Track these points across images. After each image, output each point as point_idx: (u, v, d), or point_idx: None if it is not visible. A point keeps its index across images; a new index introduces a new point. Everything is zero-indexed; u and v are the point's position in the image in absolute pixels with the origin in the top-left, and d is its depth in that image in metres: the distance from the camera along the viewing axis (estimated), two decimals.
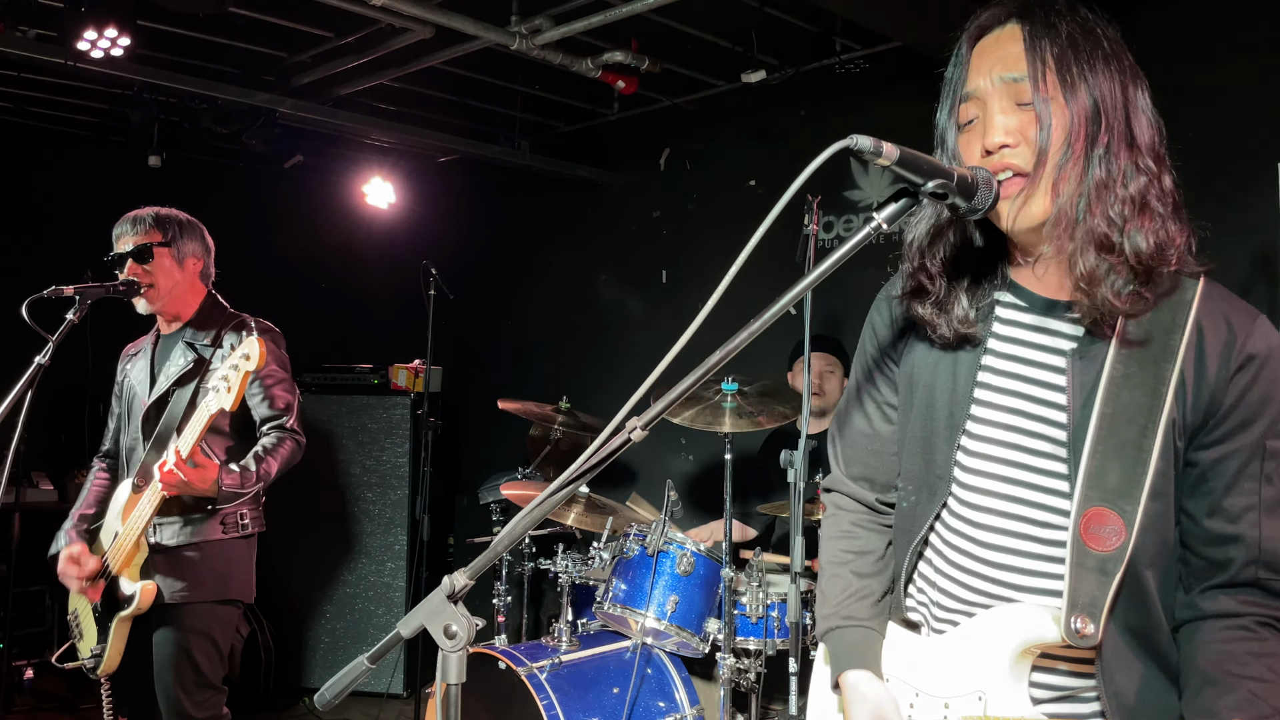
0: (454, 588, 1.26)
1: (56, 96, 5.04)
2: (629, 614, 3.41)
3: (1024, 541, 1.39)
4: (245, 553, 3.10)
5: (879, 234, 1.20)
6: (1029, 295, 1.43)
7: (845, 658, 1.54)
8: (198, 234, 3.18)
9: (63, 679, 4.82)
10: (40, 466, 5.26)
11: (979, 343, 1.44)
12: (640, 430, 1.21)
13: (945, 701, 1.43)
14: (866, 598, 1.59)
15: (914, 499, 1.52)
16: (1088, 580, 1.30)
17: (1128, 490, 1.30)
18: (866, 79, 4.52)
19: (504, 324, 6.25)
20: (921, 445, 1.50)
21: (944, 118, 1.41)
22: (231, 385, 2.58)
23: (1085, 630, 1.29)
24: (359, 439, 5.31)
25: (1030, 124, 1.30)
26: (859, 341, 1.65)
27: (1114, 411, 1.31)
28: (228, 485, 2.85)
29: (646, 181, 5.59)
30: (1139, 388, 1.31)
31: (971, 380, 1.44)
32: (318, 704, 1.37)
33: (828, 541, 1.67)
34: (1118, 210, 1.28)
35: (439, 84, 4.96)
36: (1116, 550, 1.29)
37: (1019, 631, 1.35)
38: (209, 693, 2.99)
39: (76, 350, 3.09)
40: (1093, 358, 1.35)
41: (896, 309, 1.56)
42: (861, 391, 1.64)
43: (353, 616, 5.19)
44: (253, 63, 4.65)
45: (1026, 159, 1.30)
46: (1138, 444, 1.30)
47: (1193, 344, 1.30)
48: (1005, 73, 1.31)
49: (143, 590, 2.85)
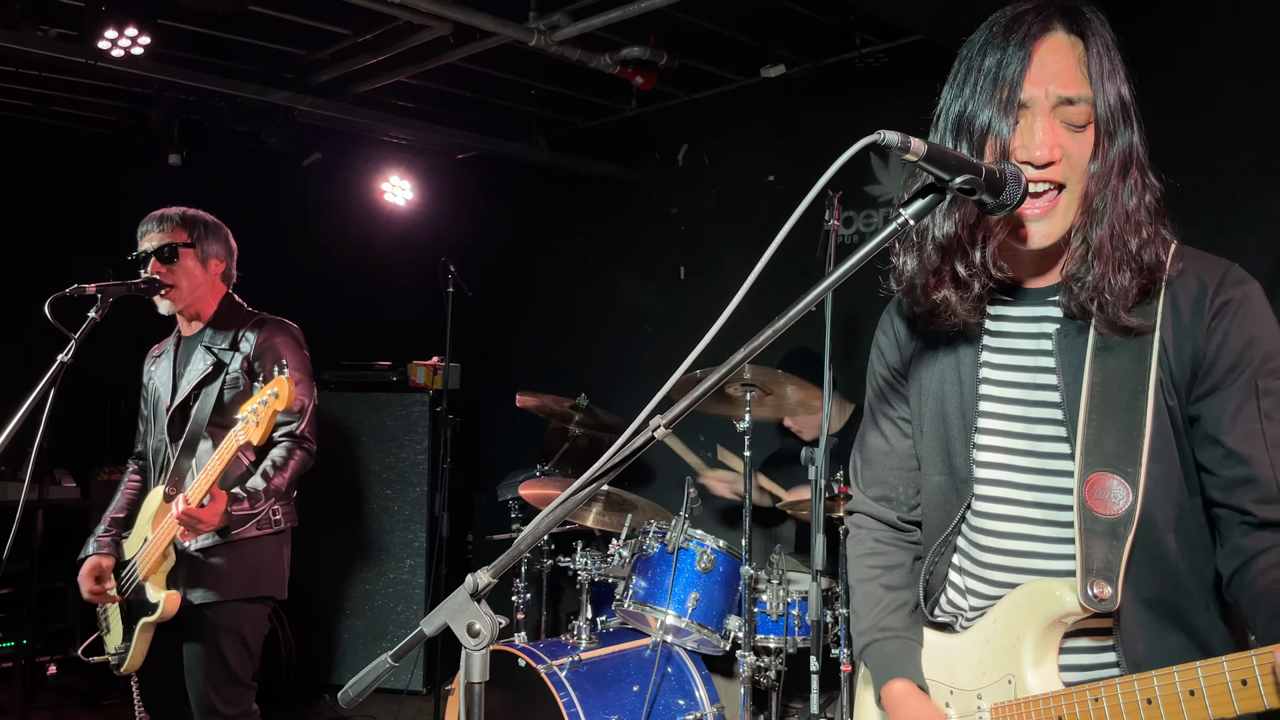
0: (477, 586, 1.26)
1: (77, 96, 5.08)
2: (649, 611, 3.40)
3: (1040, 526, 1.41)
4: (276, 548, 3.11)
5: (906, 230, 1.18)
6: (1014, 288, 1.46)
7: (886, 669, 1.54)
8: (222, 236, 3.19)
9: (86, 675, 4.85)
10: (63, 464, 5.29)
11: (975, 340, 1.48)
12: (664, 428, 1.20)
13: (978, 693, 1.43)
14: (900, 609, 1.59)
15: (941, 509, 1.53)
16: (1098, 545, 1.31)
17: (1127, 453, 1.32)
18: (887, 73, 4.49)
19: (522, 321, 6.25)
20: (941, 453, 1.52)
21: (979, 102, 1.35)
22: (260, 420, 2.65)
23: (1103, 594, 1.29)
24: (378, 436, 5.32)
25: (1074, 145, 1.33)
26: (868, 365, 1.68)
27: (1103, 380, 1.35)
28: (237, 513, 2.86)
29: (664, 178, 5.57)
30: (1124, 354, 1.35)
31: (975, 378, 1.48)
32: (341, 702, 1.37)
33: (854, 560, 1.69)
34: (1144, 235, 1.33)
35: (457, 81, 4.96)
36: (1124, 513, 1.31)
37: (1038, 607, 1.36)
38: (239, 689, 3.01)
39: (98, 348, 3.10)
40: (1078, 332, 1.39)
41: (898, 322, 1.60)
42: (875, 411, 1.67)
43: (372, 613, 5.20)
44: (272, 61, 4.67)
45: (1067, 176, 1.33)
46: (1130, 406, 1.33)
47: (1168, 305, 1.35)
48: (1063, 92, 1.32)
49: (167, 599, 2.88)
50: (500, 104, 5.39)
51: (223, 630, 2.97)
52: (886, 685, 1.52)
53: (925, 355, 1.55)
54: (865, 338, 4.32)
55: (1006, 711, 1.37)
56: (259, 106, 4.77)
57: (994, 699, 1.40)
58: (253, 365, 3.05)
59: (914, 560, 1.64)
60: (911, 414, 1.59)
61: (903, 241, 1.46)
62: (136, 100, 5.01)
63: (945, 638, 1.53)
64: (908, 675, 1.51)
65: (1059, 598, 1.33)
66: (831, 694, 3.42)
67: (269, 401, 2.65)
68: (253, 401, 2.70)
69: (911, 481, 1.62)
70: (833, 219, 3.18)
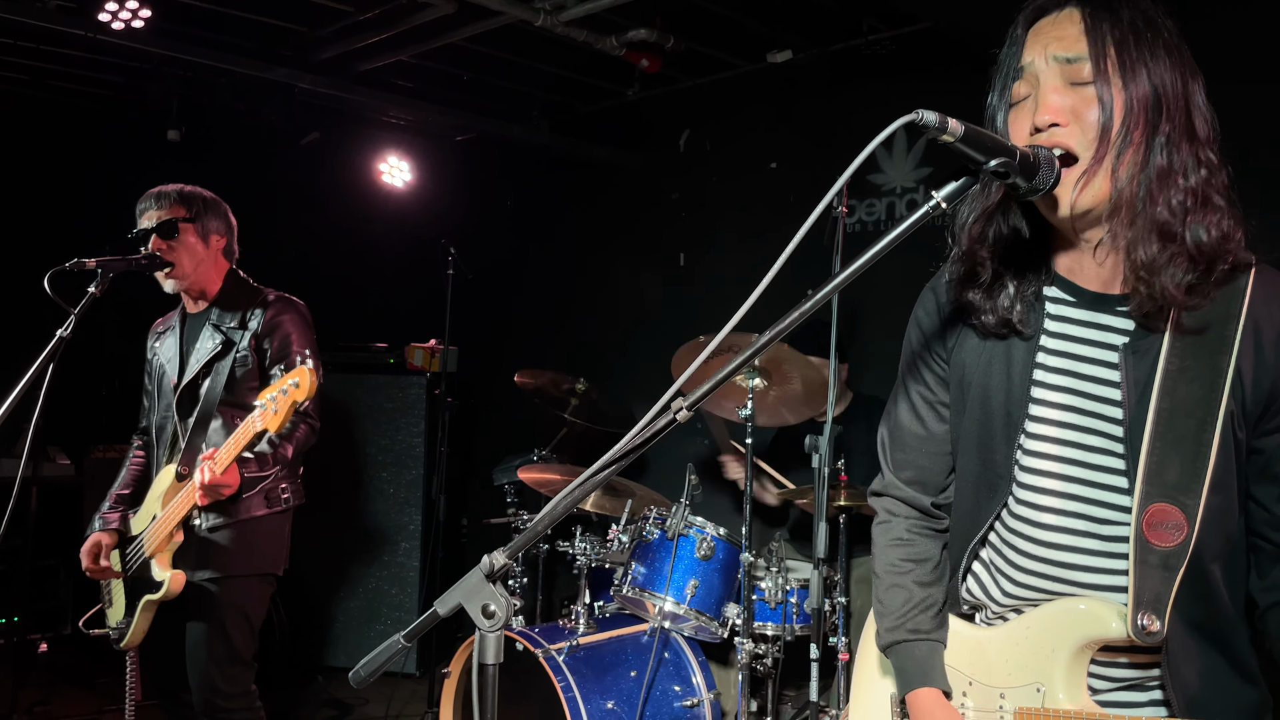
0: (492, 567, 1.24)
1: (74, 70, 5.02)
2: (647, 597, 3.39)
3: (1083, 539, 1.37)
4: (281, 525, 3.11)
5: (938, 213, 1.17)
6: (1077, 290, 1.41)
7: (915, 675, 1.51)
8: (221, 211, 3.17)
9: (78, 652, 4.83)
10: (57, 441, 5.26)
11: (1031, 338, 1.42)
12: (686, 411, 1.19)
13: (1001, 692, 1.41)
14: (930, 608, 1.55)
15: (973, 499, 1.50)
16: (1152, 577, 1.28)
17: (1188, 485, 1.28)
18: (893, 61, 4.46)
19: (520, 305, 6.22)
20: (978, 445, 1.48)
21: (995, 98, 1.39)
22: (279, 409, 2.64)
23: (1152, 627, 1.27)
24: (375, 418, 5.29)
25: (1083, 105, 1.28)
26: (904, 342, 1.62)
27: (1171, 406, 1.30)
28: (247, 474, 2.91)
29: (666, 163, 5.54)
30: (1195, 381, 1.29)
31: (1028, 378, 1.42)
32: (352, 681, 1.36)
33: (884, 550, 1.63)
34: (1179, 200, 1.26)
35: (459, 62, 4.92)
36: (1179, 545, 1.28)
37: (1083, 627, 1.34)
38: (240, 668, 3.00)
39: (95, 325, 3.06)
40: (1146, 351, 1.33)
41: (944, 298, 1.53)
42: (911, 391, 1.60)
43: (366, 595, 5.19)
44: (272, 37, 4.62)
45: (1077, 140, 1.28)
46: (1196, 438, 1.28)
47: (1249, 333, 1.29)
48: (1061, 52, 1.29)
49: (172, 579, 2.86)
50: (502, 85, 5.35)
51: (228, 607, 2.96)
52: (914, 692, 1.49)
53: (972, 339, 1.49)
54: (867, 325, 4.32)
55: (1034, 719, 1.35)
56: (259, 83, 4.72)
57: (1019, 703, 1.38)
58: (260, 343, 3.03)
59: (942, 549, 1.61)
60: (951, 398, 1.54)
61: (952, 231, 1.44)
62: (135, 75, 4.95)
63: (970, 628, 1.52)
64: (935, 683, 1.48)
65: (1106, 623, 1.31)
66: (827, 682, 3.42)
67: (289, 391, 2.63)
68: (272, 390, 2.68)
69: (944, 467, 1.58)
70: (841, 205, 3.16)
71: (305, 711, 4.71)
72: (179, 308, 3.21)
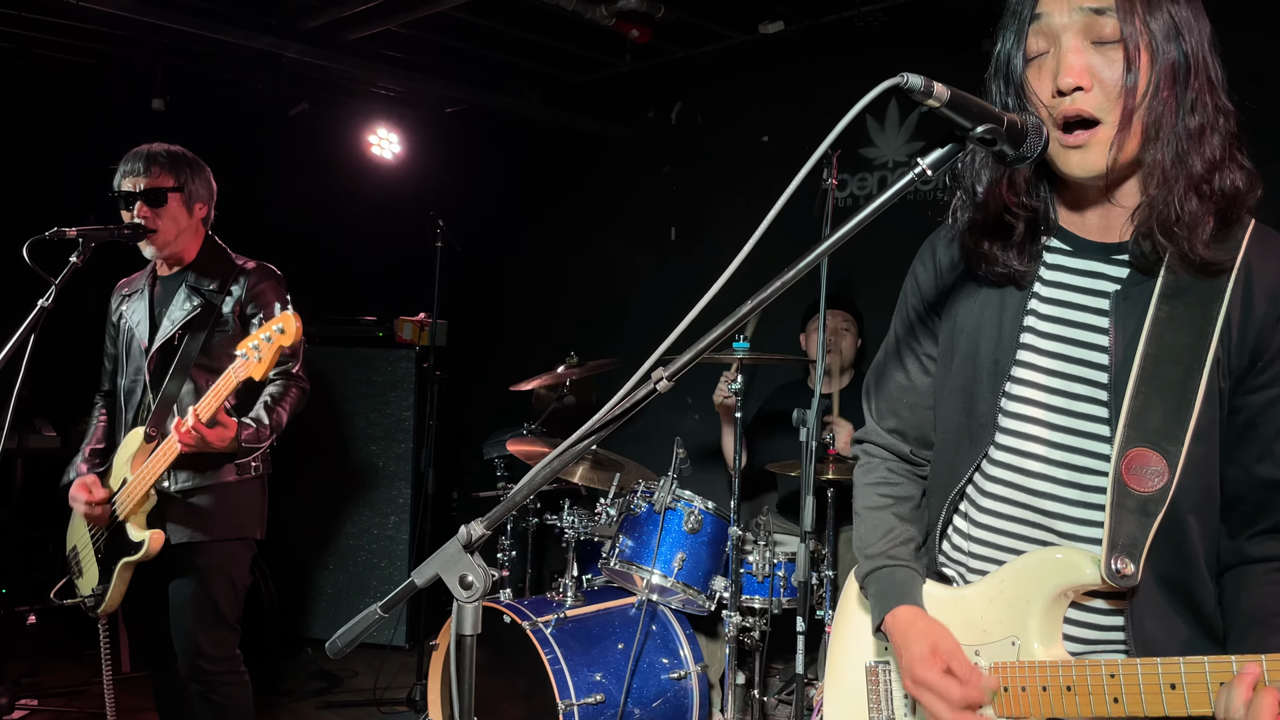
0: (470, 537, 1.24)
1: (57, 38, 4.94)
2: (635, 570, 3.39)
3: (1064, 488, 1.37)
4: (258, 491, 3.09)
5: (922, 180, 1.15)
6: (1076, 239, 1.40)
7: (895, 595, 1.49)
8: (206, 177, 3.11)
9: (65, 624, 4.82)
10: (43, 413, 5.23)
11: (1025, 287, 1.42)
12: (666, 381, 1.18)
13: (976, 649, 1.41)
14: (909, 542, 1.55)
15: (953, 450, 1.49)
16: (1128, 521, 1.28)
17: (1171, 431, 1.27)
18: (886, 33, 4.42)
19: (510, 278, 6.19)
20: (962, 395, 1.47)
21: (1008, 45, 1.34)
22: (263, 356, 2.59)
23: (1126, 570, 1.27)
24: (363, 392, 5.26)
25: (1106, 65, 1.25)
26: (900, 295, 1.61)
27: (1158, 352, 1.29)
28: (246, 440, 2.87)
29: (658, 136, 5.49)
30: (1184, 328, 1.29)
31: (1018, 326, 1.41)
32: (329, 652, 1.35)
33: (864, 487, 1.63)
34: (1210, 156, 1.26)
35: (448, 31, 4.85)
36: (1158, 491, 1.27)
37: (1057, 575, 1.33)
38: (225, 631, 3.00)
39: (77, 294, 3.02)
40: (1137, 299, 1.33)
41: (943, 255, 1.53)
42: (900, 344, 1.61)
43: (356, 568, 5.19)
44: (259, 5, 4.55)
45: (1099, 105, 1.25)
46: (1182, 384, 1.28)
47: (1240, 284, 1.29)
48: (1086, 3, 1.25)
49: (151, 537, 2.83)
50: (492, 57, 5.29)
51: (212, 571, 2.94)
52: (893, 611, 1.47)
53: (966, 289, 1.48)
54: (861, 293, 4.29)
55: (1011, 672, 1.34)
56: (245, 52, 4.66)
57: (994, 658, 1.38)
58: (244, 309, 3.00)
59: (922, 495, 1.61)
60: (940, 349, 1.53)
61: (957, 182, 1.42)
62: (119, 43, 4.88)
63: (943, 589, 1.51)
64: (915, 602, 1.48)
65: (1079, 568, 1.30)
66: (814, 655, 3.44)
67: (273, 337, 2.58)
68: (254, 338, 2.63)
69: (926, 420, 1.58)
70: (830, 178, 3.14)
71: (294, 683, 4.72)
72: (148, 268, 3.15)
